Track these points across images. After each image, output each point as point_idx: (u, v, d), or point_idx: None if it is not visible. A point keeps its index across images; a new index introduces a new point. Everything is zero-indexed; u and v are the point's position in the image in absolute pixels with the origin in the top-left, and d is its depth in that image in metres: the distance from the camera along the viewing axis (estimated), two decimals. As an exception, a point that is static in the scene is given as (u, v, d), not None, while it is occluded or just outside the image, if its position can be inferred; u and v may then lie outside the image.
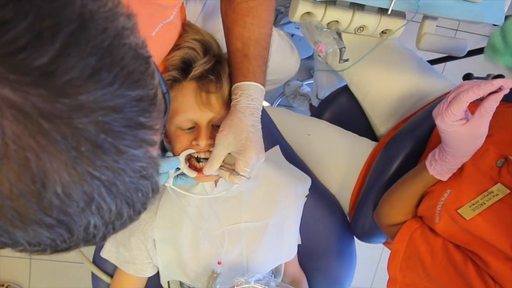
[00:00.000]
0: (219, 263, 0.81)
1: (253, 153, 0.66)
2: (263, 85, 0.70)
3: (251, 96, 0.68)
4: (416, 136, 0.92)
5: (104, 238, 0.32)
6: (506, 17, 0.91)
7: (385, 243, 1.05)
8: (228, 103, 0.76)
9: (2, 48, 0.23)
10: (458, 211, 0.71)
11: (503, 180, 0.69)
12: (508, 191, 0.68)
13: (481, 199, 0.69)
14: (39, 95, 0.24)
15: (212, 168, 0.67)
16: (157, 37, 0.66)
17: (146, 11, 0.60)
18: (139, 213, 0.33)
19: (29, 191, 0.25)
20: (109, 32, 0.27)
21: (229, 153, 0.68)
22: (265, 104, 1.71)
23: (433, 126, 0.90)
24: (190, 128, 0.76)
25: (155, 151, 0.32)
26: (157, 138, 0.32)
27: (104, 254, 0.86)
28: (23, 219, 0.26)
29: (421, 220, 0.80)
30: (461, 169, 0.73)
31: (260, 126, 0.69)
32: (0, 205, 0.26)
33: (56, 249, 0.31)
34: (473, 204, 0.70)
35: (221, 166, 0.69)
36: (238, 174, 0.66)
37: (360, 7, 0.91)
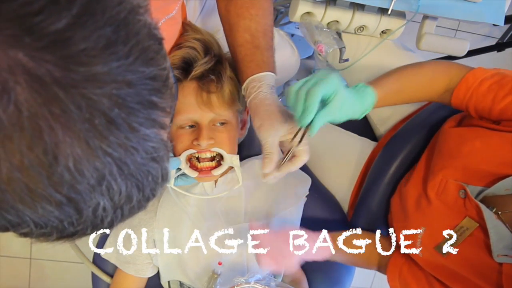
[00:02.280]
0: (219, 263, 0.81)
1: (299, 134, 0.64)
2: (276, 74, 0.71)
3: (270, 85, 0.68)
4: (415, 136, 0.92)
5: (111, 223, 0.31)
6: (506, 18, 0.91)
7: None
8: (229, 103, 0.76)
9: (19, 9, 0.23)
10: (435, 249, 0.70)
11: (469, 213, 0.67)
12: (476, 224, 0.66)
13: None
14: (54, 62, 0.23)
15: (272, 161, 0.64)
16: None
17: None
18: (148, 199, 0.32)
19: (40, 163, 0.24)
20: (125, 5, 0.27)
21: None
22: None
23: (432, 126, 0.91)
24: (191, 128, 0.76)
25: (165, 135, 0.31)
26: (168, 121, 0.31)
27: (104, 254, 0.86)
28: (32, 194, 0.25)
29: (404, 257, 0.80)
30: (429, 204, 0.72)
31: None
32: (9, 178, 0.24)
33: (62, 234, 0.29)
34: (448, 241, 0.69)
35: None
36: (305, 156, 0.64)
37: (360, 7, 0.91)
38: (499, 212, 0.64)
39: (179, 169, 0.76)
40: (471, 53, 1.12)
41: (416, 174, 0.82)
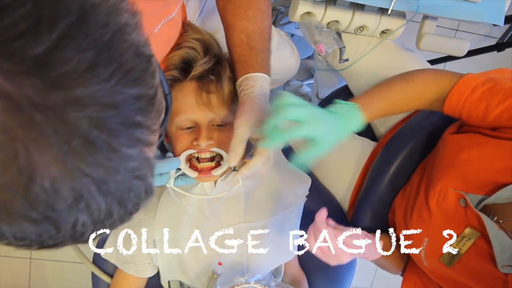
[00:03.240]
0: (219, 263, 0.81)
1: None
2: (270, 77, 0.71)
3: (263, 87, 0.68)
4: (415, 136, 0.92)
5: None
6: (506, 18, 0.91)
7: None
8: (229, 103, 0.76)
9: None
10: (440, 260, 0.70)
11: (471, 222, 0.66)
12: (478, 233, 0.65)
13: (456, 245, 0.68)
14: (33, 85, 0.24)
15: (236, 153, 0.64)
16: (159, 34, 0.66)
17: (149, 6, 0.60)
18: (131, 214, 0.32)
19: (16, 183, 0.25)
20: (110, 27, 0.27)
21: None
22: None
23: (432, 126, 0.90)
24: (190, 128, 0.76)
25: (151, 152, 0.31)
26: (154, 139, 0.31)
27: (104, 254, 0.86)
28: (8, 211, 0.26)
29: (416, 269, 0.79)
30: (430, 214, 0.72)
31: None
32: None
33: (42, 245, 0.30)
34: (451, 252, 0.68)
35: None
36: (257, 158, 0.63)
37: (360, 7, 0.91)
38: (500, 221, 0.63)
39: (179, 169, 0.76)
40: (471, 53, 1.12)
41: (416, 184, 0.81)
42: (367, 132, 1.10)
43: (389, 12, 0.88)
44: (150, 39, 0.32)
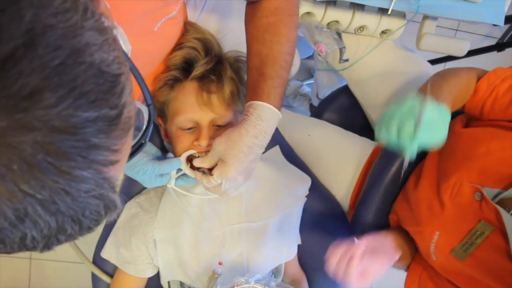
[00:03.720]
0: (220, 263, 0.81)
1: (232, 171, 0.64)
2: (278, 108, 0.65)
3: (261, 117, 0.64)
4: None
5: (48, 248, 0.31)
6: (506, 18, 0.91)
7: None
8: (229, 103, 0.76)
9: None
10: (451, 253, 0.69)
11: (485, 216, 0.66)
12: (492, 227, 0.65)
13: (469, 239, 0.67)
14: None
15: (201, 164, 0.69)
16: (159, 32, 0.66)
17: (148, 5, 0.60)
18: (90, 229, 0.31)
19: None
20: (63, 51, 0.26)
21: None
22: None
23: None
24: (190, 128, 0.76)
25: (113, 171, 0.30)
26: (117, 158, 0.30)
27: (104, 254, 0.86)
28: None
29: (422, 262, 0.79)
30: (442, 208, 0.71)
31: (258, 151, 0.66)
32: None
33: None
34: (463, 245, 0.68)
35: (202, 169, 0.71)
36: (209, 179, 0.67)
37: (360, 7, 0.91)
38: None
39: (179, 169, 0.76)
40: (471, 53, 1.12)
41: (427, 178, 0.80)
42: (367, 132, 1.10)
43: (389, 12, 0.89)
44: (150, 38, 0.31)
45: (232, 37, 0.86)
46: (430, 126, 0.62)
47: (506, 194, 0.64)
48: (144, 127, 0.44)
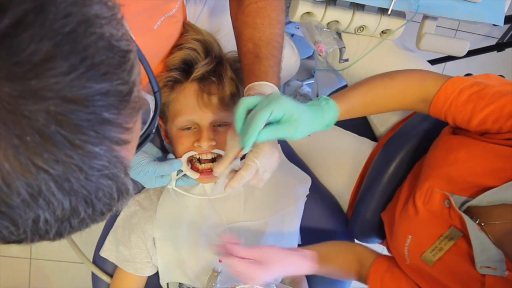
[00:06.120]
0: (220, 261, 0.81)
1: (266, 146, 0.63)
2: (277, 85, 0.67)
3: (263, 95, 0.65)
4: (414, 136, 0.92)
5: (60, 234, 0.29)
6: (506, 18, 0.91)
7: (383, 243, 1.05)
8: (230, 104, 0.76)
9: None
10: (421, 257, 0.70)
11: (454, 223, 0.67)
12: (460, 234, 0.65)
13: (438, 244, 0.67)
14: None
15: (224, 164, 0.63)
16: (158, 30, 0.66)
17: (148, 3, 0.60)
18: (103, 214, 0.30)
19: None
20: (73, 18, 0.25)
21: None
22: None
23: (431, 127, 0.90)
24: (191, 129, 0.76)
25: (125, 151, 0.29)
26: (128, 137, 0.29)
27: (104, 252, 0.86)
28: None
29: (387, 260, 0.79)
30: (416, 213, 0.72)
31: None
32: None
33: (6, 240, 0.29)
34: (433, 250, 0.68)
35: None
36: (243, 170, 0.62)
37: (360, 7, 0.91)
38: (482, 224, 0.64)
39: (180, 170, 0.76)
40: (471, 53, 1.12)
41: (408, 181, 0.81)
42: (367, 132, 1.10)
43: (389, 12, 0.89)
44: (150, 35, 0.30)
45: (232, 37, 0.86)
46: (285, 120, 0.58)
47: (473, 202, 0.64)
48: (152, 115, 0.43)
